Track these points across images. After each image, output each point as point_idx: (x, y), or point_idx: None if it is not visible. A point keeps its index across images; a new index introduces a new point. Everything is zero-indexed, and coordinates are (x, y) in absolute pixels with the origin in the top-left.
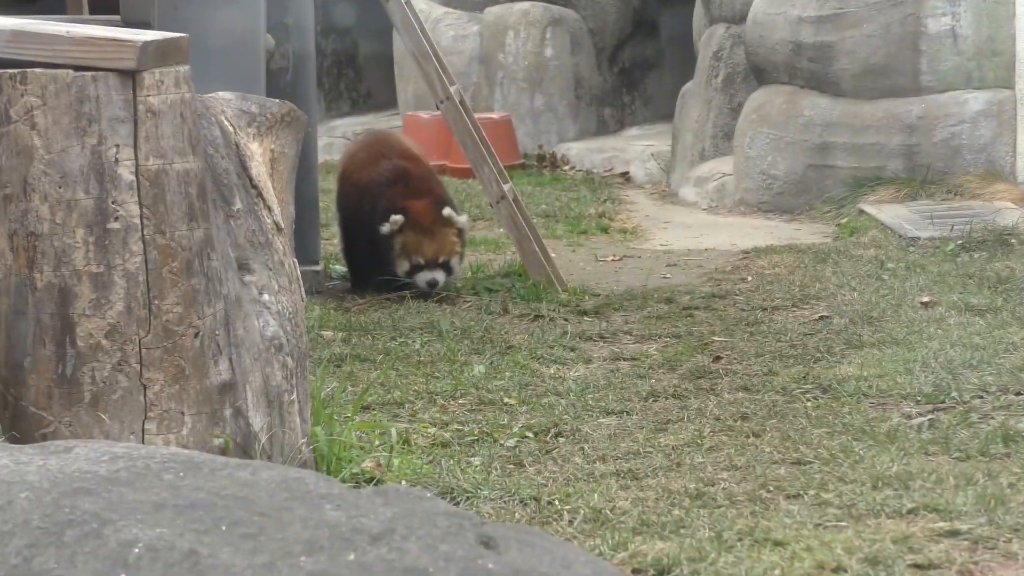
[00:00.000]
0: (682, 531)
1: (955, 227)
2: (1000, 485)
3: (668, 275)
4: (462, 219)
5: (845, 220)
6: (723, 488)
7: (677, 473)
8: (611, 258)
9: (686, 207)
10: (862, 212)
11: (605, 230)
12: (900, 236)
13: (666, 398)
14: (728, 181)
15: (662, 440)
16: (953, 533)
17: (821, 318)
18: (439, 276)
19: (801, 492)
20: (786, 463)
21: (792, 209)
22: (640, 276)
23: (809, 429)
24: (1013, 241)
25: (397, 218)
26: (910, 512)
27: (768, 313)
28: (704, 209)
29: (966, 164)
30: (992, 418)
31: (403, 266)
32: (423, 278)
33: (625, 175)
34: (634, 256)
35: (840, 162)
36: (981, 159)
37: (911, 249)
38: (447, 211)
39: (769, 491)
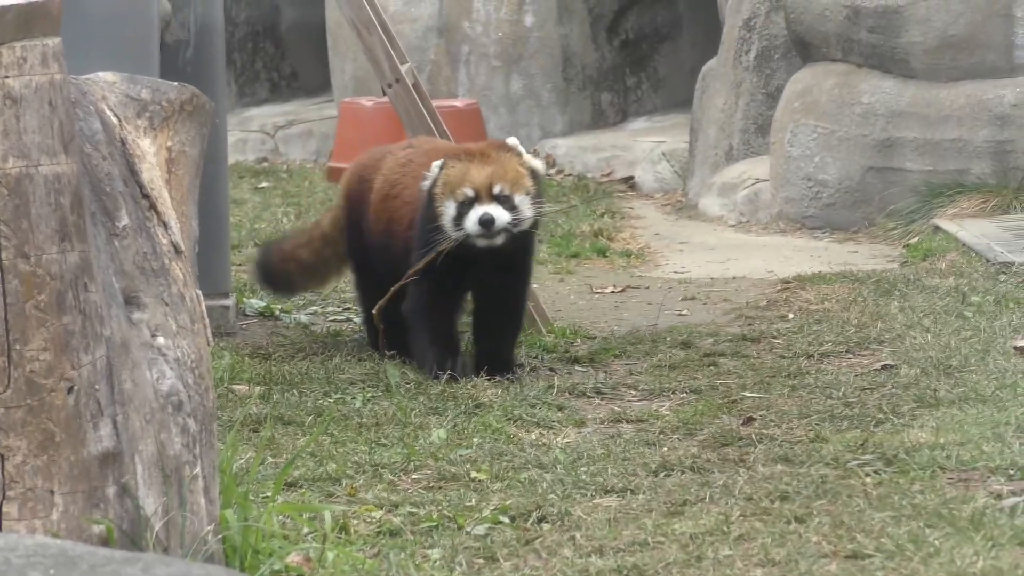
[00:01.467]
0: None
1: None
2: None
3: (685, 311)
4: (536, 161)
5: (915, 240)
6: None
7: (697, 570)
8: (611, 289)
9: (708, 223)
10: (938, 229)
11: (603, 253)
12: (987, 260)
13: (682, 472)
14: (763, 189)
15: (677, 527)
16: None
17: (884, 368)
18: (495, 211)
19: None
20: (838, 557)
21: (846, 225)
22: (649, 313)
23: (868, 512)
24: None
25: (437, 164)
26: None
27: (815, 361)
28: (732, 225)
29: None
30: None
31: (448, 211)
32: (472, 217)
33: (629, 181)
34: (641, 287)
35: (909, 164)
36: None
37: (1002, 277)
38: (513, 140)
39: None
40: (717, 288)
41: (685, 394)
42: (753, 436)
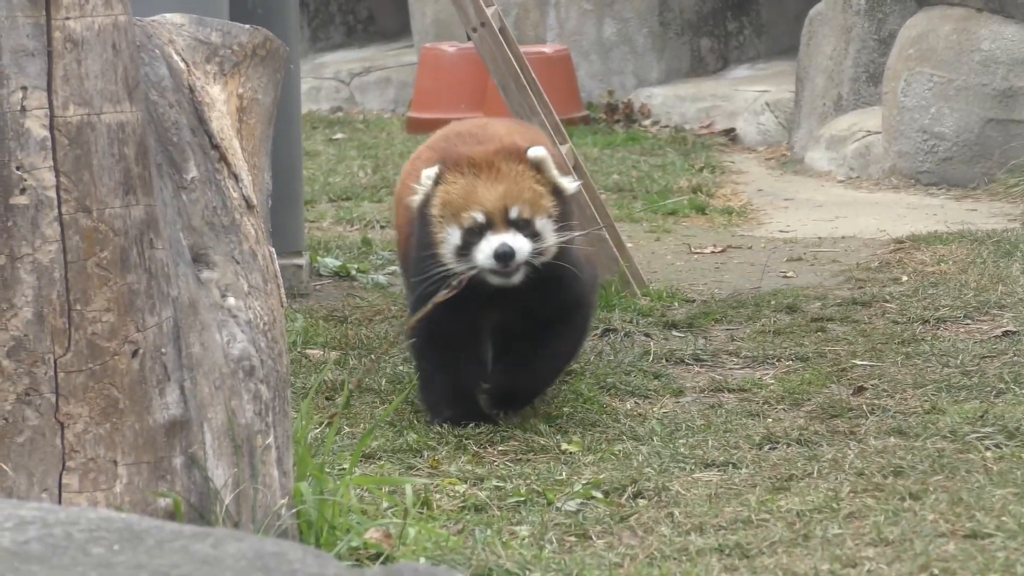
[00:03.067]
0: None
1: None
2: None
3: (790, 273)
4: (565, 180)
5: None
6: (869, 571)
7: (804, 549)
8: (710, 249)
9: (815, 178)
10: None
11: (702, 210)
12: None
13: (788, 445)
14: (875, 142)
15: (782, 503)
16: None
17: (1006, 334)
18: (513, 241)
19: None
20: (956, 536)
21: (965, 181)
22: (751, 275)
23: (988, 489)
24: None
25: (430, 171)
26: None
27: (931, 327)
28: (841, 181)
29: None
30: None
31: (450, 240)
32: (485, 249)
33: (730, 133)
34: (743, 246)
35: None
36: None
37: None
38: (535, 151)
39: (934, 575)
40: (825, 248)
41: (791, 362)
42: (864, 407)
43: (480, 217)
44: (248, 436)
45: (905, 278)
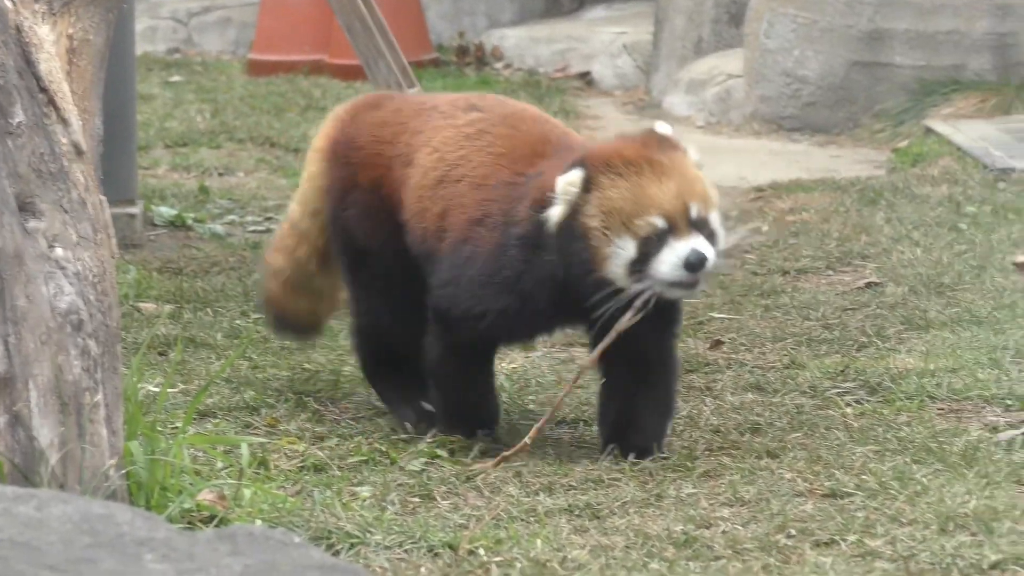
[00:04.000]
0: None
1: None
2: None
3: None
4: (691, 149)
5: (905, 143)
6: (724, 532)
7: (657, 509)
8: None
9: (674, 123)
10: (930, 132)
11: None
12: (986, 167)
13: None
14: (736, 86)
15: (637, 461)
16: None
17: (868, 286)
18: (703, 245)
19: (837, 538)
20: (815, 496)
21: (829, 127)
22: None
23: (849, 447)
24: None
25: (572, 176)
26: (994, 567)
27: (792, 279)
28: (700, 126)
29: None
30: None
31: (622, 253)
32: (671, 259)
33: (585, 76)
34: None
35: (899, 58)
36: None
37: (1001, 185)
38: (662, 126)
39: (790, 536)
40: None
41: None
42: (721, 361)
43: (660, 222)
44: (75, 393)
45: (765, 228)
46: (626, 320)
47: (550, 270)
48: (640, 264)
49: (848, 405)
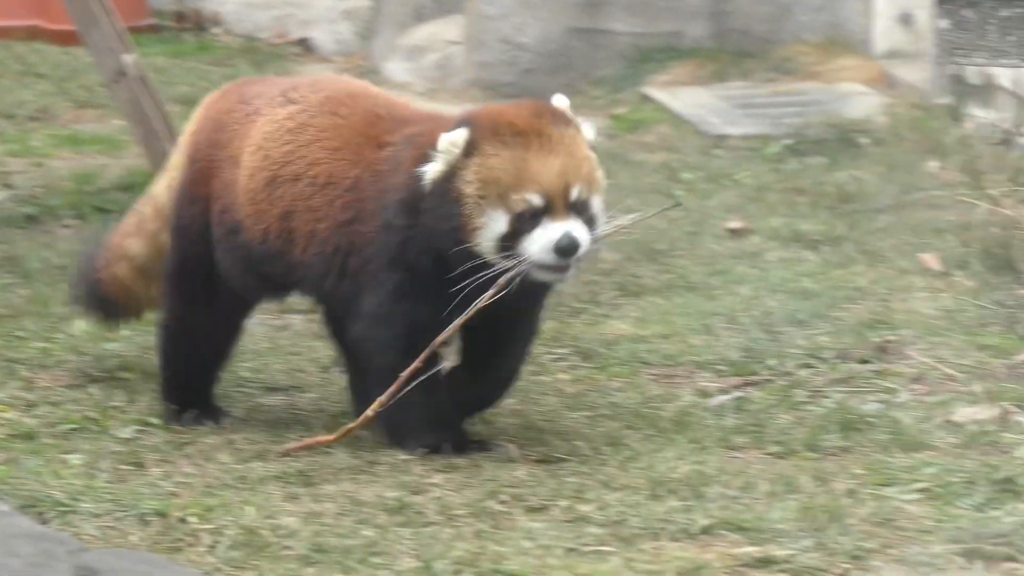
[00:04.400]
0: (375, 560)
1: (781, 120)
2: (834, 493)
3: None
4: (586, 126)
5: (623, 110)
6: (436, 498)
7: (370, 476)
8: None
9: (394, 89)
10: (647, 98)
11: None
12: (701, 133)
13: None
14: (455, 53)
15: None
16: (766, 562)
17: None
18: (578, 230)
19: (548, 503)
20: (528, 461)
21: (548, 92)
22: None
23: (561, 412)
24: (864, 140)
25: (456, 136)
26: (705, 532)
27: None
28: (420, 93)
29: (799, 29)
30: (826, 396)
31: (493, 226)
32: (541, 241)
33: (305, 43)
34: None
35: (617, 25)
36: (820, 22)
37: (717, 152)
38: (559, 99)
39: (502, 502)
40: None
41: None
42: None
43: (537, 200)
44: None
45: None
46: (487, 297)
47: (427, 235)
48: (510, 241)
49: (562, 371)
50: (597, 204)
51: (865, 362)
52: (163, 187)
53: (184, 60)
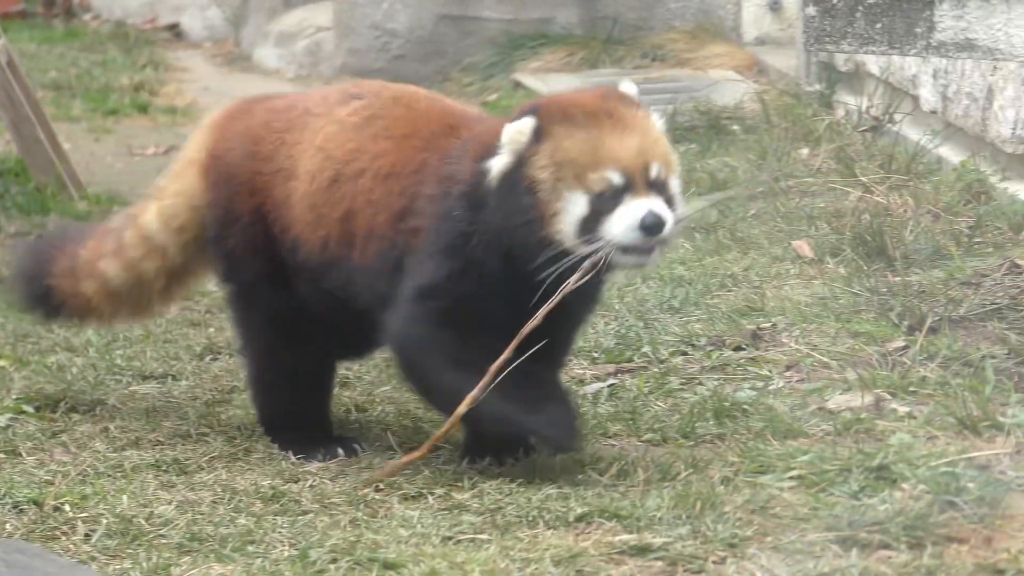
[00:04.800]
0: (251, 548)
1: (652, 107)
2: (709, 481)
3: None
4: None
5: (495, 97)
6: (312, 486)
7: (245, 464)
8: (152, 150)
9: (264, 75)
10: (518, 85)
11: (144, 109)
12: None
13: (230, 356)
14: (325, 39)
15: (223, 416)
16: (642, 549)
17: None
18: (661, 207)
19: (425, 491)
20: (403, 449)
21: (419, 80)
22: None
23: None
24: (736, 128)
25: (522, 124)
26: (580, 520)
27: None
28: (291, 79)
29: (670, 16)
30: (700, 384)
31: (573, 210)
32: (625, 219)
33: (175, 28)
34: None
35: (488, 12)
36: (691, 9)
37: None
38: (627, 85)
39: (379, 490)
40: None
41: None
42: None
43: (617, 178)
44: None
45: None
46: (573, 281)
47: (496, 230)
48: (591, 223)
49: None
50: (675, 184)
51: (739, 349)
52: (153, 216)
53: (54, 46)
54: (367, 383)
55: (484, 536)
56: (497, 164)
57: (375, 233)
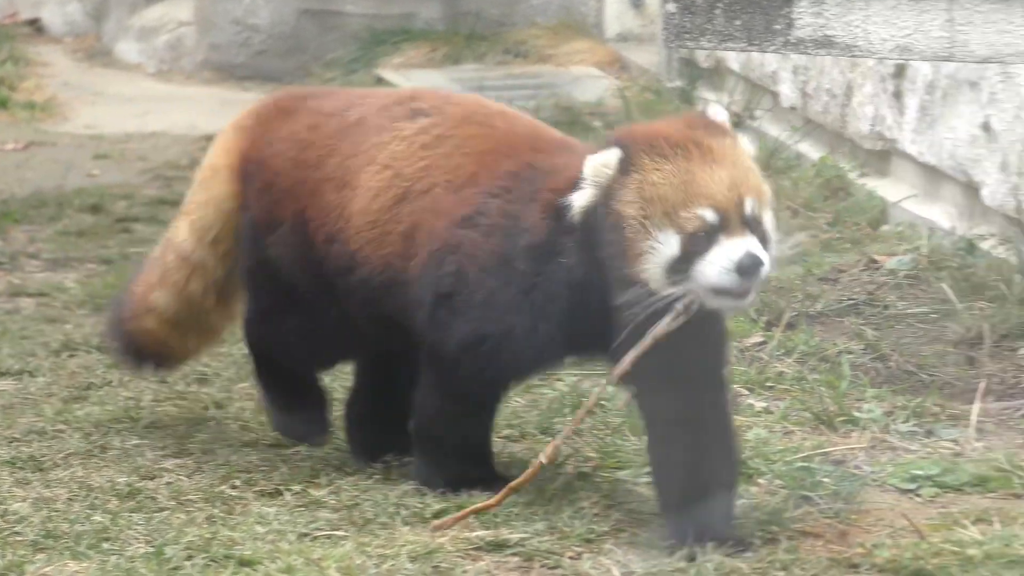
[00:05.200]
0: (106, 546)
1: (514, 103)
2: (567, 476)
3: (96, 171)
4: (744, 138)
5: None
6: (168, 483)
7: (101, 461)
8: (11, 146)
9: (126, 71)
10: (380, 80)
11: (4, 104)
12: None
13: (88, 352)
14: (187, 34)
15: (80, 413)
16: (498, 545)
17: None
18: (759, 249)
19: (282, 487)
20: (261, 446)
21: (280, 76)
22: (55, 173)
23: None
24: (597, 124)
25: (606, 156)
26: (437, 516)
27: None
28: (152, 74)
29: (532, 12)
30: (559, 379)
31: (663, 250)
32: (719, 260)
33: (35, 23)
34: (46, 143)
35: (350, 7)
36: (553, 5)
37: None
38: (716, 110)
39: (235, 487)
40: (133, 145)
41: (94, 264)
42: None
43: (711, 216)
44: None
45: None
46: (664, 325)
47: (566, 277)
48: (683, 264)
49: None
50: (769, 219)
51: None
52: (186, 232)
53: None
54: (225, 379)
55: (341, 533)
56: (579, 199)
57: (433, 236)
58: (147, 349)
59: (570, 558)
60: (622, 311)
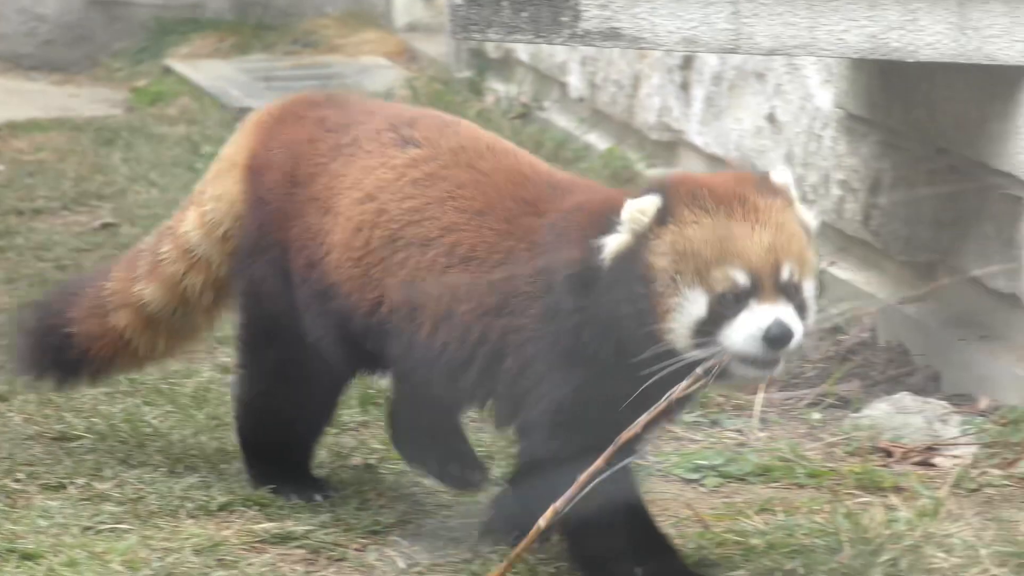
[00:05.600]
0: None
1: (300, 93)
2: (353, 468)
3: None
4: (806, 211)
5: (144, 82)
6: None
7: None
8: None
9: None
10: (168, 71)
11: None
12: (224, 106)
13: None
14: None
15: None
16: (283, 538)
17: (104, 226)
18: (791, 318)
19: (66, 481)
20: (45, 439)
21: (67, 66)
22: None
23: (81, 391)
24: None
25: (645, 202)
26: (223, 508)
27: (26, 219)
28: None
29: (321, 2)
30: None
31: (691, 310)
32: (748, 327)
33: None
34: None
35: None
36: None
37: (239, 125)
38: (782, 172)
39: (18, 480)
40: None
41: None
42: None
43: (743, 278)
44: None
45: (1, 167)
46: (680, 389)
47: (602, 316)
48: (709, 326)
49: None
50: (809, 289)
51: None
52: (193, 224)
53: None
54: (8, 371)
55: (125, 526)
56: (613, 243)
57: (455, 321)
58: (94, 353)
59: (356, 550)
60: (642, 367)
